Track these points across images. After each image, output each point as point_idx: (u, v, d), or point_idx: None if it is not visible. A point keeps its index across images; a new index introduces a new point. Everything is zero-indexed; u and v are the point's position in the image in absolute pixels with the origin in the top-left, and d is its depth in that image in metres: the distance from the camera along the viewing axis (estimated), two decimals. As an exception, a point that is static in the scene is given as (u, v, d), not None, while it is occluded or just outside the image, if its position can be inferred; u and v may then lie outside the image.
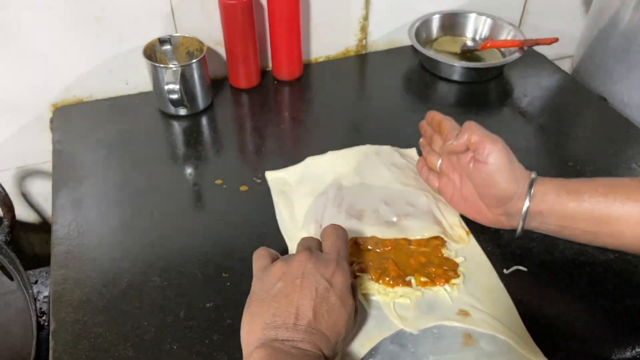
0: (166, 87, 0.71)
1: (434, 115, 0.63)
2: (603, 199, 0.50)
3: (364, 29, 0.91)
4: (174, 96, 0.71)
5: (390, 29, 0.93)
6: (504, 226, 0.57)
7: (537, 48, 0.89)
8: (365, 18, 0.90)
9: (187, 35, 0.78)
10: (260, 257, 0.49)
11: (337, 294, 0.45)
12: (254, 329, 0.44)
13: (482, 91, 0.85)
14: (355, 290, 0.48)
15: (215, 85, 0.84)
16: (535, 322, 0.51)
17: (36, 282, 0.77)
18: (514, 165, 0.54)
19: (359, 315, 0.49)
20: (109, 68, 0.81)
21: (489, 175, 0.53)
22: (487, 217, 0.58)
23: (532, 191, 0.53)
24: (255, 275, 0.48)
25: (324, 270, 0.46)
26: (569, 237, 0.54)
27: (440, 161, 0.62)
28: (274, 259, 0.49)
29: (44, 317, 0.71)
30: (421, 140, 0.66)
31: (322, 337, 0.43)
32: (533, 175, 0.54)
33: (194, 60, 0.74)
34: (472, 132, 0.54)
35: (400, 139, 0.73)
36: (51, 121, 0.80)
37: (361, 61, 0.93)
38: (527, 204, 0.53)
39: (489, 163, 0.53)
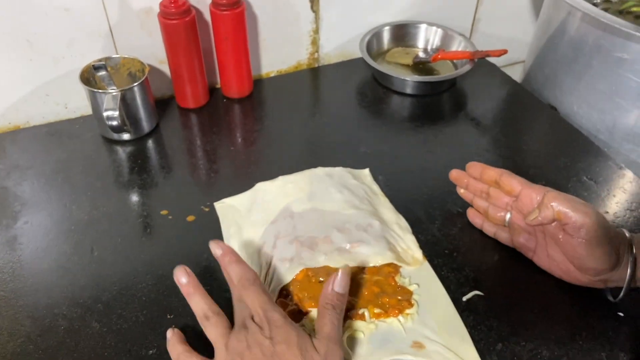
0: (105, 114, 0.68)
1: (485, 171, 0.56)
2: None
3: (315, 42, 0.89)
4: (114, 122, 0.68)
5: (342, 41, 0.91)
6: (598, 286, 0.52)
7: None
8: (316, 31, 0.88)
9: (127, 56, 0.75)
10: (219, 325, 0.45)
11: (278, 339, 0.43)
12: None
13: (435, 103, 0.84)
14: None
15: (162, 105, 0.81)
16: (489, 348, 0.50)
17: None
18: (610, 234, 0.48)
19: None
20: (46, 92, 0.76)
21: (585, 251, 0.48)
22: (580, 280, 0.52)
23: (634, 254, 0.48)
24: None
25: (260, 337, 0.43)
26: None
27: (509, 215, 0.56)
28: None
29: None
30: (462, 191, 0.61)
31: None
32: (628, 234, 0.49)
33: (135, 84, 0.70)
34: (557, 205, 0.48)
35: (354, 157, 0.72)
36: (-16, 151, 0.75)
37: (314, 75, 0.91)
38: (629, 272, 0.48)
39: (583, 239, 0.47)
